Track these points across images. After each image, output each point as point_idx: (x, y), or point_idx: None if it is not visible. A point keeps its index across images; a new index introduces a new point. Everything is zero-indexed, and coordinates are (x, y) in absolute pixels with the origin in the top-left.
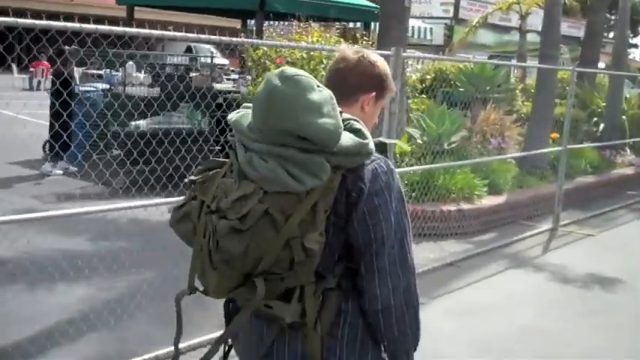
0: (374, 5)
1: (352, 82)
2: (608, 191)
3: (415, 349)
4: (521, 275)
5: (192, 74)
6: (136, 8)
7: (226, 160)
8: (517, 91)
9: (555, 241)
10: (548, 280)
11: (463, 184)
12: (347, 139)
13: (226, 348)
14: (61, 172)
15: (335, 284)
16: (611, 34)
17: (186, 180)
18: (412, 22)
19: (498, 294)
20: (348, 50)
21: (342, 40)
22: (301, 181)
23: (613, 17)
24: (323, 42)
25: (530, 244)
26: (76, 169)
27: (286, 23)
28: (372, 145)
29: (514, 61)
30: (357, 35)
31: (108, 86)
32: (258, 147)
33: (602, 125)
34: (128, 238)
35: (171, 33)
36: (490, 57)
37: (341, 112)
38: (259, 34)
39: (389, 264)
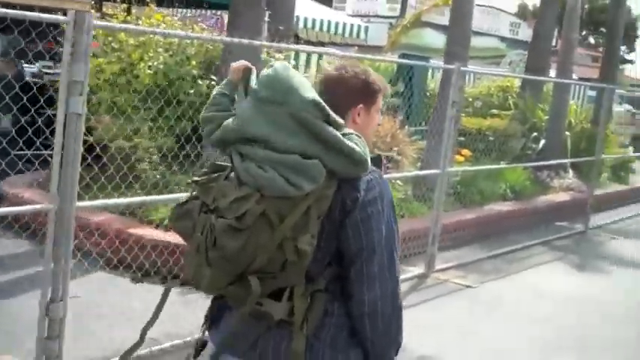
0: None
1: (337, 101)
2: (529, 222)
3: (396, 354)
4: None
5: None
6: None
7: (229, 164)
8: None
9: (415, 294)
10: None
11: None
12: (352, 144)
13: (199, 345)
14: None
15: (323, 286)
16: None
17: (189, 181)
18: (343, 19)
19: None
20: (330, 68)
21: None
22: (299, 186)
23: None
24: (165, 26)
25: None
26: None
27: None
28: (369, 162)
29: (434, 62)
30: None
31: None
32: (261, 154)
33: (542, 142)
34: None
35: None
36: (404, 56)
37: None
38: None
39: (378, 270)
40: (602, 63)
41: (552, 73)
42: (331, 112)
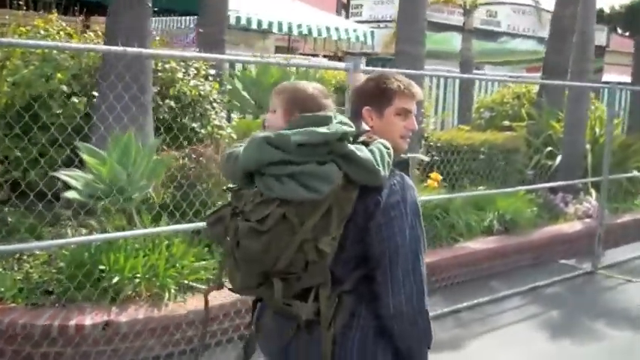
0: None
1: (353, 106)
2: (522, 262)
3: (429, 348)
4: None
5: None
6: None
7: None
8: None
9: None
10: None
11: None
12: (365, 152)
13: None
14: None
15: (350, 288)
16: None
17: (224, 188)
18: (345, 25)
19: None
20: (360, 77)
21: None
22: (318, 190)
23: None
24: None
25: None
26: None
27: None
28: (384, 174)
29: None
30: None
31: None
32: (279, 169)
33: (559, 158)
34: None
35: None
36: (371, 62)
37: (369, 133)
38: None
39: (402, 273)
40: (634, 60)
41: (607, 76)
42: (343, 129)
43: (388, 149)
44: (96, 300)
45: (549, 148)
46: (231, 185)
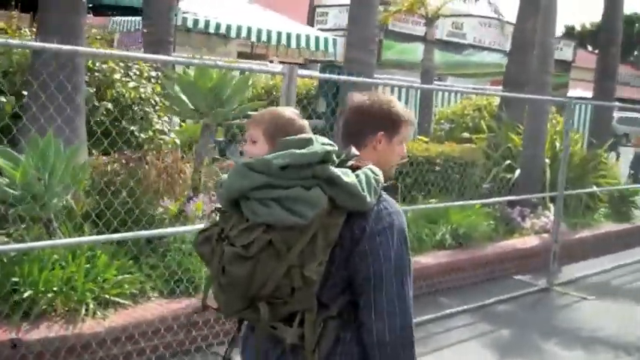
0: None
1: (358, 129)
2: (474, 278)
3: None
4: None
5: None
6: None
7: None
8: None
9: None
10: None
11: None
12: (351, 177)
13: None
14: None
15: (336, 314)
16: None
17: (213, 208)
18: (307, 32)
19: None
20: (357, 96)
21: None
22: (303, 215)
23: None
24: None
25: None
26: None
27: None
28: (370, 200)
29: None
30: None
31: None
32: (264, 193)
33: (517, 171)
34: None
35: None
36: (325, 69)
37: (356, 156)
38: None
39: (387, 300)
40: (596, 75)
41: (572, 92)
42: (325, 149)
43: (376, 175)
44: (7, 315)
45: (508, 162)
46: (218, 205)
